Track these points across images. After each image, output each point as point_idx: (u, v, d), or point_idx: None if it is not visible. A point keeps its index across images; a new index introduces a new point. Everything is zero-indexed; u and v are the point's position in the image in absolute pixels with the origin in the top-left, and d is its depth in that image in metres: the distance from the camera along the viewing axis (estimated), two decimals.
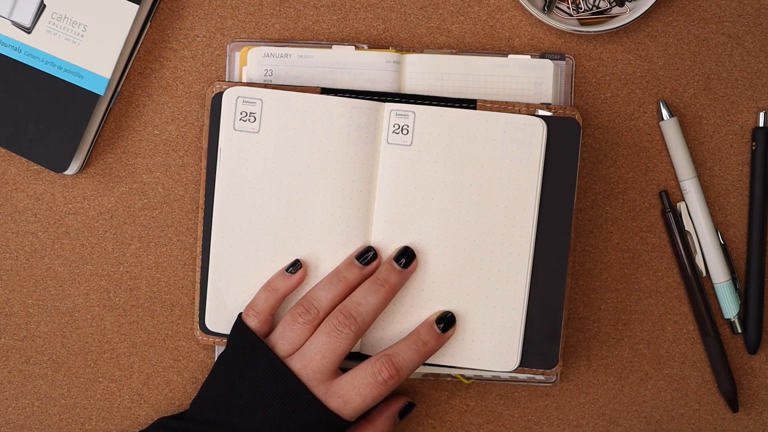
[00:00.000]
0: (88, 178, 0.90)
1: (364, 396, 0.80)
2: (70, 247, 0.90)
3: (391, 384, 0.80)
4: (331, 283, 0.82)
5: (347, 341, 0.80)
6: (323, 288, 0.82)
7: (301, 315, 0.81)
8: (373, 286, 0.82)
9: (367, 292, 0.82)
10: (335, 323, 0.80)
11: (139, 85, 0.90)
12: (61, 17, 0.85)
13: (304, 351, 0.80)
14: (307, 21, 0.89)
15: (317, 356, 0.80)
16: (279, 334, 0.82)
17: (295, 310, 0.82)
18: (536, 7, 0.88)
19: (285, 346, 0.81)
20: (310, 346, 0.80)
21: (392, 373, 0.80)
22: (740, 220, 0.90)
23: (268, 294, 0.83)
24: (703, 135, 0.90)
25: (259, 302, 0.83)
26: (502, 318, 0.85)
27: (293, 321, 0.81)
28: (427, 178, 0.84)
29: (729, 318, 0.90)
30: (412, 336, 0.82)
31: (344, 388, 0.80)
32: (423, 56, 0.87)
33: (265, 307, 0.83)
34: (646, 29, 0.90)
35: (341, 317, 0.80)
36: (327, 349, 0.80)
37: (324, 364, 0.80)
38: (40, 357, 0.90)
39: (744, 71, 0.90)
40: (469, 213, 0.84)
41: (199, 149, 0.89)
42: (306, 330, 0.81)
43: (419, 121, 0.84)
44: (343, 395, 0.79)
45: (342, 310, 0.81)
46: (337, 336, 0.80)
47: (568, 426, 0.90)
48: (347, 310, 0.81)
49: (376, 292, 0.82)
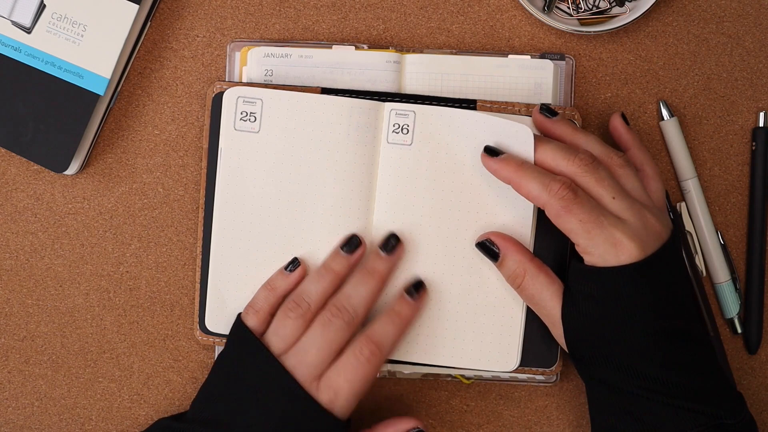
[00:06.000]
0: (88, 178, 0.90)
1: (352, 380, 0.79)
2: (70, 247, 0.90)
3: (375, 361, 0.80)
4: (319, 276, 0.82)
5: (341, 333, 0.80)
6: (312, 281, 0.82)
7: (292, 310, 0.81)
8: (362, 277, 0.82)
9: (357, 284, 0.82)
10: (328, 316, 0.80)
11: (139, 85, 0.90)
12: (61, 17, 0.85)
13: (298, 346, 0.80)
14: (307, 21, 0.89)
15: (312, 350, 0.80)
16: (272, 331, 0.82)
17: (286, 306, 0.82)
18: (536, 7, 0.88)
19: (279, 343, 0.81)
20: (305, 340, 0.80)
21: (372, 349, 0.80)
22: (740, 220, 0.90)
23: (267, 293, 0.83)
24: (703, 135, 0.90)
25: (258, 301, 0.83)
26: (501, 318, 0.85)
27: (285, 316, 0.81)
28: (427, 177, 0.84)
29: (729, 318, 0.90)
30: (386, 311, 0.82)
31: (332, 378, 0.80)
32: (423, 56, 0.87)
33: (264, 306, 0.83)
34: (646, 29, 0.90)
35: (333, 309, 0.80)
36: (321, 341, 0.80)
37: (319, 357, 0.80)
38: (40, 357, 0.90)
39: (744, 71, 0.90)
40: (470, 212, 0.84)
41: (199, 149, 0.89)
42: (298, 324, 0.81)
43: (419, 120, 0.84)
44: (333, 386, 0.79)
45: (334, 303, 0.81)
46: (330, 327, 0.80)
47: (568, 426, 0.90)
48: (339, 302, 0.81)
49: (366, 282, 0.82)
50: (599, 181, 0.78)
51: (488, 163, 0.81)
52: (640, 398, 0.76)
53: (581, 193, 0.77)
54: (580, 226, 0.77)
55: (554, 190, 0.77)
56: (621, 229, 0.77)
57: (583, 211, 0.77)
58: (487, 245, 0.83)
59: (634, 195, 0.79)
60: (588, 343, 0.79)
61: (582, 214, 0.77)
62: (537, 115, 0.83)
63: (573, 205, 0.77)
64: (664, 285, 0.77)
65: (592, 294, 0.78)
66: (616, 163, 0.80)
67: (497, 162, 0.81)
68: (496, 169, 0.81)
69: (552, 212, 0.78)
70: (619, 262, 0.77)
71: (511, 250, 0.82)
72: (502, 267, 0.82)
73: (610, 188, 0.78)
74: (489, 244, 0.83)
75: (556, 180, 0.78)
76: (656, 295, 0.77)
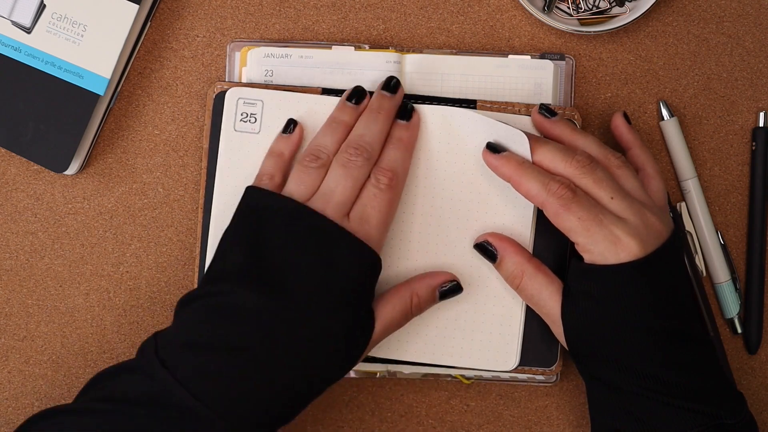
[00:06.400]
0: (88, 178, 0.90)
1: (379, 208, 0.80)
2: (70, 247, 0.90)
3: (394, 186, 0.80)
4: (331, 128, 0.83)
5: (362, 170, 0.80)
6: (325, 134, 0.83)
7: (311, 161, 0.81)
8: (371, 115, 0.82)
9: (368, 122, 0.82)
10: (347, 156, 0.80)
11: (139, 85, 0.90)
12: (61, 17, 0.85)
13: (323, 188, 0.80)
14: (307, 21, 0.89)
15: (337, 189, 0.79)
16: (293, 182, 0.81)
17: (304, 160, 0.81)
18: (536, 7, 0.88)
19: (302, 191, 0.80)
20: (328, 182, 0.80)
21: (389, 176, 0.80)
22: (740, 220, 0.90)
23: (274, 159, 0.83)
24: (703, 135, 0.90)
25: (268, 167, 0.83)
26: (501, 317, 0.85)
27: (305, 167, 0.81)
28: (426, 177, 0.84)
29: (729, 318, 0.90)
30: (388, 140, 0.83)
31: (360, 211, 0.80)
32: (423, 56, 0.87)
33: (275, 170, 0.83)
34: (646, 29, 0.90)
35: (351, 150, 0.80)
36: (344, 180, 0.80)
37: (344, 195, 0.79)
38: (40, 357, 0.90)
39: (744, 71, 0.90)
40: (469, 213, 0.84)
41: (199, 149, 0.89)
42: (319, 173, 0.81)
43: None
44: (363, 216, 0.79)
45: (349, 143, 0.81)
46: (351, 166, 0.80)
47: (568, 426, 0.90)
48: (355, 142, 0.81)
49: (375, 120, 0.82)
50: (597, 182, 0.78)
51: (489, 160, 0.81)
52: (640, 398, 0.77)
53: (580, 193, 0.78)
54: (579, 224, 0.77)
55: (553, 190, 0.77)
56: (621, 227, 0.77)
57: (582, 209, 0.77)
58: (485, 246, 0.83)
59: (634, 195, 0.79)
60: (588, 342, 0.79)
61: (581, 212, 0.77)
62: (536, 115, 0.83)
63: (572, 204, 0.77)
64: (664, 284, 0.77)
65: (591, 292, 0.78)
66: (614, 163, 0.80)
67: (498, 159, 0.81)
68: (497, 166, 0.81)
69: (551, 211, 0.78)
70: (618, 260, 0.77)
71: (509, 251, 0.82)
72: (501, 268, 0.82)
73: (608, 189, 0.78)
74: (487, 245, 0.83)
75: (555, 180, 0.78)
76: (656, 294, 0.77)
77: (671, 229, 0.79)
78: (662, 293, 0.77)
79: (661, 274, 0.77)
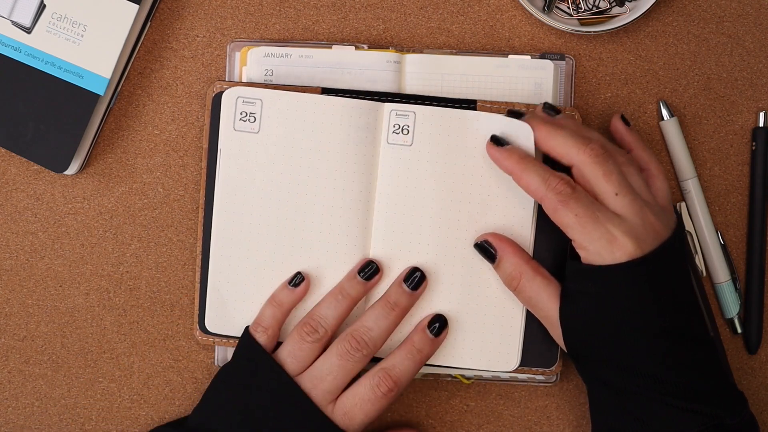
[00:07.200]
0: (88, 178, 0.90)
1: (367, 411, 0.80)
2: (70, 247, 0.90)
3: (391, 396, 0.80)
4: (335, 300, 0.82)
5: (359, 364, 0.81)
6: (328, 306, 0.82)
7: (309, 334, 0.81)
8: (384, 309, 0.82)
9: (378, 317, 0.82)
10: (347, 347, 0.80)
11: (139, 85, 0.90)
12: (61, 17, 0.85)
13: (314, 371, 0.81)
14: (307, 21, 0.89)
15: (329, 377, 0.80)
16: (287, 352, 0.82)
17: (302, 329, 0.82)
18: (536, 7, 0.88)
19: (294, 365, 0.81)
20: (321, 366, 0.80)
21: (390, 386, 0.80)
22: (740, 220, 0.90)
23: (273, 309, 0.83)
24: (703, 135, 0.90)
25: (266, 318, 0.83)
26: (502, 318, 0.85)
27: (301, 340, 0.81)
28: (427, 178, 0.84)
29: (729, 318, 0.90)
30: (406, 344, 0.82)
31: (347, 405, 0.80)
32: (423, 56, 0.87)
33: (273, 323, 0.83)
34: (646, 29, 0.90)
35: (353, 342, 0.80)
36: (338, 371, 0.80)
37: (335, 384, 0.80)
38: (40, 357, 0.90)
39: (744, 71, 0.90)
40: (470, 213, 0.84)
41: (199, 149, 0.89)
42: (315, 348, 0.81)
43: (419, 121, 0.84)
44: (347, 412, 0.80)
45: (354, 334, 0.81)
46: (349, 359, 0.80)
47: (568, 426, 0.90)
48: (359, 335, 0.81)
49: (387, 316, 0.82)
50: (606, 174, 0.78)
51: (492, 152, 0.81)
52: (640, 398, 0.76)
53: (579, 189, 0.78)
54: (576, 220, 0.77)
55: (552, 185, 0.77)
56: (617, 225, 0.76)
57: (580, 205, 0.77)
58: (484, 246, 0.83)
59: (638, 193, 0.79)
60: (587, 343, 0.78)
61: (578, 209, 0.77)
62: (540, 113, 0.83)
63: (570, 200, 0.77)
64: (663, 284, 0.77)
65: (589, 292, 0.78)
66: (619, 161, 0.80)
67: (501, 152, 0.81)
68: (499, 158, 0.81)
69: (549, 206, 0.78)
70: (614, 259, 0.76)
71: (508, 252, 0.82)
72: (499, 269, 0.82)
73: (615, 183, 0.78)
74: (486, 245, 0.83)
75: (555, 175, 0.78)
76: (655, 293, 0.77)
77: (672, 229, 0.79)
78: (661, 293, 0.77)
79: (660, 274, 0.77)
